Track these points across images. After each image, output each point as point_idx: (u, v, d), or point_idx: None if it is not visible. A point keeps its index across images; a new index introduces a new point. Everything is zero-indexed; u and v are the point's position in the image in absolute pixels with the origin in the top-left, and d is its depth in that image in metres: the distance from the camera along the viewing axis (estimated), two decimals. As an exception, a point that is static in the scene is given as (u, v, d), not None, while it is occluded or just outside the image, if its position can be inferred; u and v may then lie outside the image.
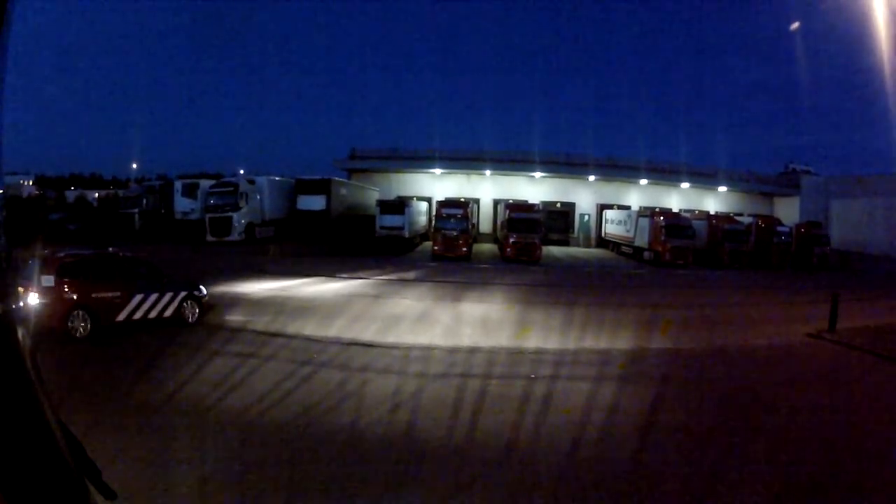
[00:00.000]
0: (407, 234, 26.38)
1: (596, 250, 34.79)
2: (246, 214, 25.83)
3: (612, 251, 32.91)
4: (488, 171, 36.73)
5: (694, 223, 28.38)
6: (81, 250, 9.98)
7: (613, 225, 33.10)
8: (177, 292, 9.88)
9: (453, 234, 24.57)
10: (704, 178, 38.42)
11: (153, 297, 9.52)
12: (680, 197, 38.48)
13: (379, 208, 26.65)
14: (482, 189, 37.45)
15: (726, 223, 29.40)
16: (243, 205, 25.74)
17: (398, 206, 27.05)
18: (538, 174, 37.01)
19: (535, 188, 37.31)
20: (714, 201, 39.24)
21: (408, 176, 37.81)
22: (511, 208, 27.35)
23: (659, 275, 23.03)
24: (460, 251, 24.48)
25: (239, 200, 25.63)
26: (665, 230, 25.98)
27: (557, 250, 32.15)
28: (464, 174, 37.33)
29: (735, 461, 5.24)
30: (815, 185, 38.50)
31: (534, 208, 28.73)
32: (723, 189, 39.19)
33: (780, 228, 28.78)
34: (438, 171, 36.86)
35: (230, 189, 26.12)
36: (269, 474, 4.61)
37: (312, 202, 26.86)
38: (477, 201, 35.74)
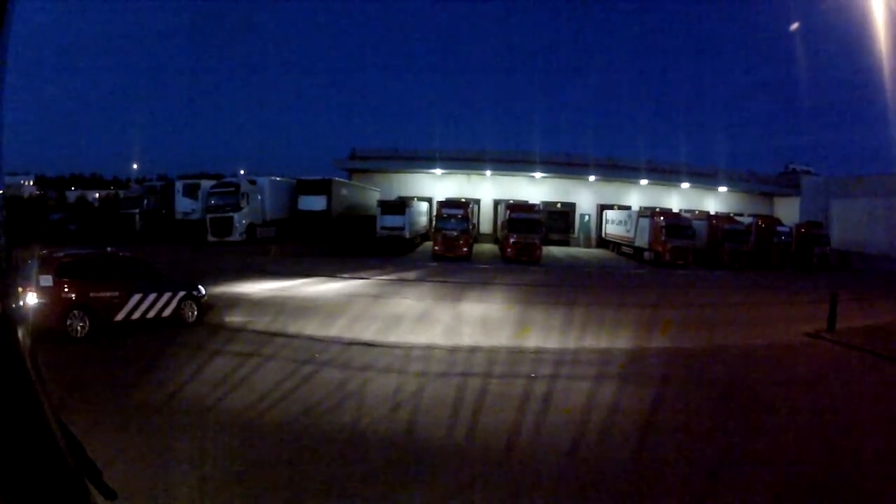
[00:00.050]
0: (407, 235, 26.40)
1: (596, 250, 34.81)
2: (247, 215, 25.82)
3: (613, 251, 32.92)
4: (489, 172, 36.76)
5: (694, 223, 28.41)
6: (80, 250, 9.96)
7: (614, 225, 33.11)
8: (175, 292, 9.86)
9: (454, 235, 24.59)
10: (704, 179, 38.44)
11: (151, 297, 9.50)
12: (680, 197, 38.50)
13: (380, 208, 26.69)
14: (482, 189, 37.47)
15: (726, 223, 29.42)
16: (244, 205, 25.72)
17: (399, 207, 27.08)
18: (538, 174, 37.04)
19: (536, 188, 37.34)
20: (714, 201, 39.25)
21: (408, 176, 37.84)
22: (511, 208, 27.39)
23: (659, 275, 23.03)
24: (461, 251, 24.49)
25: (240, 201, 25.60)
26: (665, 230, 25.99)
27: (558, 250, 32.14)
28: (464, 174, 37.36)
29: (735, 461, 5.23)
30: (815, 186, 38.47)
31: (534, 208, 28.77)
32: (723, 189, 39.20)
33: (780, 228, 28.81)
34: (439, 172, 36.88)
35: (231, 189, 26.11)
36: (270, 474, 4.60)
37: (313, 202, 26.87)
38: (477, 201, 35.78)
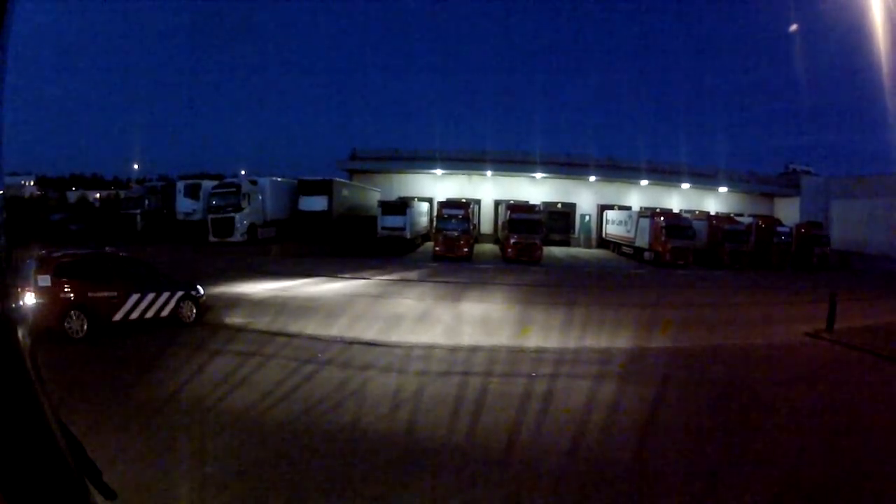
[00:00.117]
0: (408, 235, 26.42)
1: (597, 251, 34.80)
2: (248, 215, 25.84)
3: (613, 252, 32.93)
4: (489, 172, 36.76)
5: (694, 223, 28.42)
6: (78, 250, 9.94)
7: (614, 225, 33.11)
8: (173, 292, 9.87)
9: (454, 235, 24.61)
10: (705, 179, 38.44)
11: (150, 297, 9.51)
12: (680, 197, 38.50)
13: (380, 209, 26.70)
14: (483, 189, 37.48)
15: (726, 223, 29.41)
16: (246, 205, 25.75)
17: (400, 207, 27.10)
18: (539, 175, 37.04)
19: (536, 189, 37.35)
20: (714, 202, 39.26)
21: (409, 176, 37.85)
22: (512, 209, 27.40)
23: (659, 275, 23.03)
24: (461, 252, 24.51)
25: (241, 201, 25.64)
26: (665, 231, 26.00)
27: (558, 251, 32.15)
28: (465, 175, 37.36)
29: (735, 461, 5.23)
30: (816, 186, 38.45)
31: (535, 209, 28.79)
32: (723, 189, 39.19)
33: (781, 229, 28.81)
34: (439, 172, 36.89)
35: (233, 190, 26.13)
36: (270, 474, 4.60)
37: (314, 203, 26.89)
38: (478, 202, 35.77)
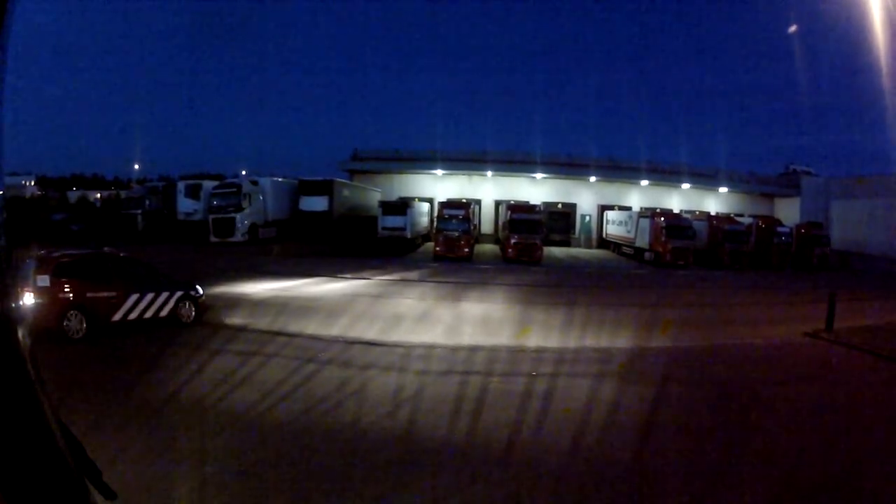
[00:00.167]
0: (409, 235, 26.45)
1: (597, 251, 34.80)
2: (249, 215, 25.89)
3: (613, 252, 32.93)
4: (490, 172, 36.77)
5: (694, 224, 28.44)
6: (77, 250, 9.90)
7: (614, 226, 33.12)
8: (173, 292, 9.83)
9: (455, 235, 24.63)
10: (705, 179, 38.45)
11: (149, 297, 9.48)
12: (681, 198, 38.50)
13: (381, 209, 26.72)
14: (484, 190, 37.49)
15: (727, 224, 29.42)
16: (246, 206, 25.80)
17: (400, 207, 27.12)
18: (539, 175, 37.05)
19: (537, 189, 37.36)
20: (715, 202, 39.25)
21: (409, 177, 37.86)
22: (512, 209, 27.41)
23: (659, 275, 23.05)
24: (462, 252, 24.52)
25: (242, 201, 25.68)
26: (666, 231, 26.01)
27: (558, 251, 32.14)
28: (465, 175, 37.37)
29: (735, 461, 5.23)
30: (816, 186, 38.42)
31: (535, 209, 28.81)
32: (723, 190, 39.18)
33: (781, 229, 28.81)
34: (440, 172, 36.90)
35: (233, 190, 26.18)
36: (271, 473, 4.60)
37: (315, 203, 26.93)
38: (478, 202, 35.75)
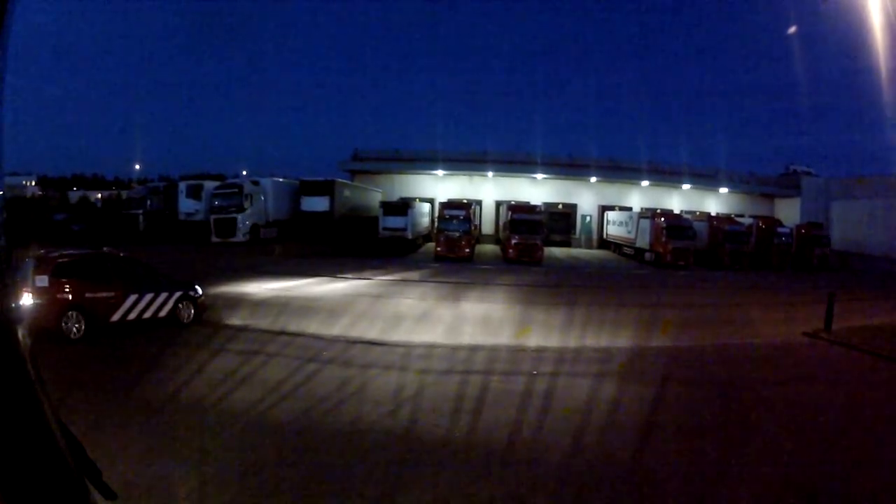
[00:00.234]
0: (410, 235, 26.48)
1: (597, 251, 34.81)
2: (250, 216, 25.92)
3: (614, 252, 32.94)
4: (490, 173, 36.79)
5: (695, 224, 28.43)
6: (76, 250, 9.86)
7: (615, 226, 33.13)
8: (172, 292, 9.80)
9: (456, 235, 24.66)
10: (705, 180, 38.45)
11: (148, 297, 9.44)
12: (681, 198, 38.51)
13: (382, 209, 26.77)
14: (484, 190, 37.51)
15: (727, 224, 29.42)
16: (248, 206, 25.83)
17: (401, 208, 27.17)
18: (540, 175, 37.06)
19: (537, 189, 37.37)
20: (715, 202, 39.25)
21: (410, 177, 37.87)
22: (513, 209, 27.44)
23: (660, 275, 23.05)
24: (463, 252, 24.54)
25: (243, 202, 25.71)
26: (666, 231, 26.02)
27: (559, 251, 32.15)
28: (466, 175, 37.39)
29: (735, 461, 5.23)
30: (816, 186, 38.42)
31: (536, 209, 28.85)
32: (724, 190, 39.17)
33: (781, 229, 28.82)
34: (441, 173, 36.92)
35: (235, 190, 26.21)
36: (271, 473, 4.60)
37: (316, 203, 26.95)
38: (479, 202, 35.76)
